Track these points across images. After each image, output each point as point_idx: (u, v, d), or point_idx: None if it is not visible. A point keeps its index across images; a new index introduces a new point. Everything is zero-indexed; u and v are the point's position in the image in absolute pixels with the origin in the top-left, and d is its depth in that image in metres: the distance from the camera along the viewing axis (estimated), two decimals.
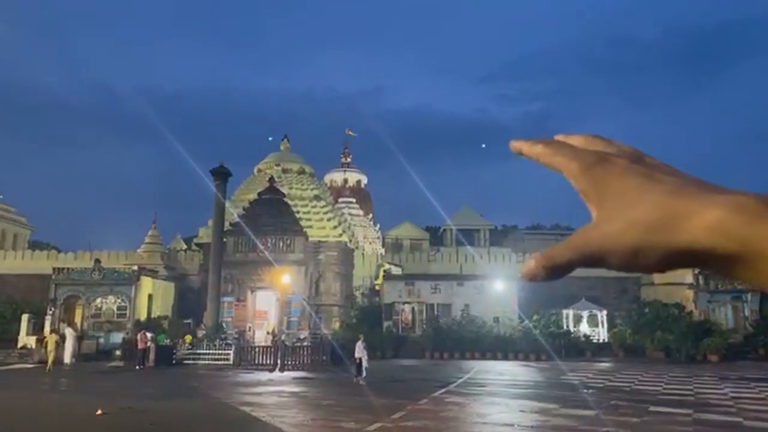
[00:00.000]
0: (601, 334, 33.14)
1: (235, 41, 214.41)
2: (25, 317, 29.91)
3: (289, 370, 23.68)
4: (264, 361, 24.98)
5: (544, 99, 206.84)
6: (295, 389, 17.48)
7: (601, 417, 12.47)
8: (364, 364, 19.01)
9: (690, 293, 32.57)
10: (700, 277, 32.28)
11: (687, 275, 33.21)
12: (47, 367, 22.91)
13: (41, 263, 39.74)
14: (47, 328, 29.60)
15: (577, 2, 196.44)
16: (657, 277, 37.37)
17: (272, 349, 25.24)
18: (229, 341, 27.59)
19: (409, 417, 12.26)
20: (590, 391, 17.04)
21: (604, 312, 33.95)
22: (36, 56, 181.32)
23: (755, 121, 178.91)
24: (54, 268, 32.41)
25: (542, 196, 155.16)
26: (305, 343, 27.96)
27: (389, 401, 14.49)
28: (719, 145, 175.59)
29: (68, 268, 32.68)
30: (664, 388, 17.94)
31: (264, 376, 21.56)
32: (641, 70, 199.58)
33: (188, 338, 27.72)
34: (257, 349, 26.13)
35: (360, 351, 19.21)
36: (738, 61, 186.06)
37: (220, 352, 26.10)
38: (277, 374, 22.34)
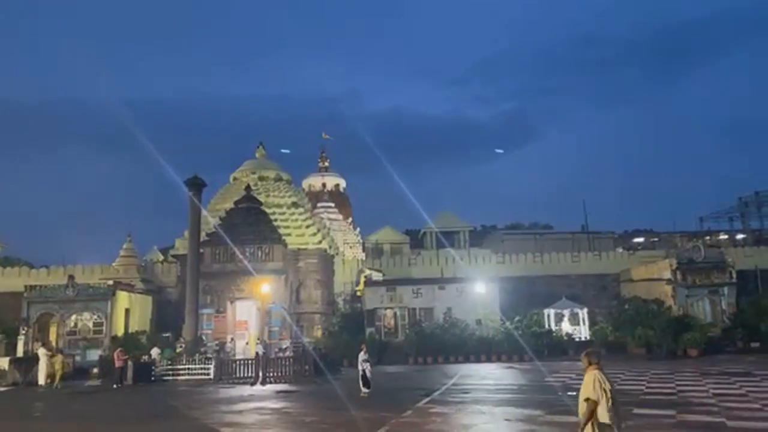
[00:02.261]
0: (583, 332, 33.31)
1: (205, 46, 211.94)
2: None
3: (271, 382, 23.31)
4: (245, 374, 24.54)
5: (518, 98, 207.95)
6: (277, 405, 17.15)
7: None
8: (368, 375, 18.16)
9: (668, 288, 32.86)
10: (678, 272, 32.61)
11: (665, 271, 33.54)
12: (54, 385, 23.67)
13: (13, 281, 38.72)
14: (29, 349, 28.95)
15: (545, 1, 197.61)
16: (636, 274, 37.76)
17: (253, 362, 24.81)
18: (209, 355, 27.12)
19: None
20: (574, 394, 16.98)
21: (585, 310, 34.16)
22: (3, 67, 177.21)
23: (727, 114, 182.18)
24: (26, 286, 31.58)
25: (520, 194, 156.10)
26: (287, 353, 27.58)
27: (372, 415, 14.28)
28: (692, 138, 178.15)
29: (41, 286, 31.88)
30: (647, 387, 17.98)
31: (245, 390, 21.15)
32: (613, 66, 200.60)
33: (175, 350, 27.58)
34: (238, 363, 25.66)
35: (362, 362, 18.30)
36: (708, 57, 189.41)
37: (200, 366, 25.61)
38: (258, 388, 21.97)
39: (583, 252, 42.88)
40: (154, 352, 26.63)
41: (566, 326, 33.54)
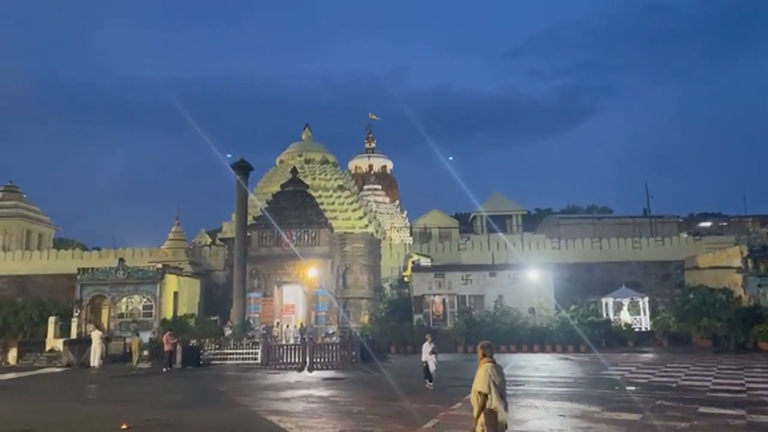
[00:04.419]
0: (643, 322, 31.71)
1: (250, 25, 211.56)
2: (52, 320, 29.71)
3: (318, 369, 22.92)
4: (292, 360, 24.25)
5: (574, 73, 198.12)
6: (324, 393, 16.67)
7: (646, 422, 11.41)
8: (432, 367, 17.23)
9: (738, 277, 30.83)
10: (749, 260, 30.50)
11: (735, 258, 31.46)
12: (131, 366, 24.64)
13: (66, 263, 39.83)
14: (79, 329, 29.59)
15: None
16: (702, 261, 35.72)
17: (300, 348, 24.50)
18: (256, 339, 27.02)
19: (442, 426, 11.42)
20: (634, 389, 15.90)
21: (646, 299, 32.49)
22: (56, 51, 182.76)
23: None
24: (79, 269, 32.19)
25: (576, 175, 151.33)
26: (334, 339, 27.21)
27: (421, 406, 13.66)
28: (758, 116, 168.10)
29: (93, 268, 32.45)
30: (714, 384, 16.67)
31: (292, 376, 20.82)
32: (675, 39, 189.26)
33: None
34: (285, 348, 25.39)
35: (427, 354, 17.42)
36: None
37: (248, 351, 25.50)
38: (305, 374, 21.58)
39: (644, 237, 40.80)
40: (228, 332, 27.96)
41: (625, 316, 32.00)
